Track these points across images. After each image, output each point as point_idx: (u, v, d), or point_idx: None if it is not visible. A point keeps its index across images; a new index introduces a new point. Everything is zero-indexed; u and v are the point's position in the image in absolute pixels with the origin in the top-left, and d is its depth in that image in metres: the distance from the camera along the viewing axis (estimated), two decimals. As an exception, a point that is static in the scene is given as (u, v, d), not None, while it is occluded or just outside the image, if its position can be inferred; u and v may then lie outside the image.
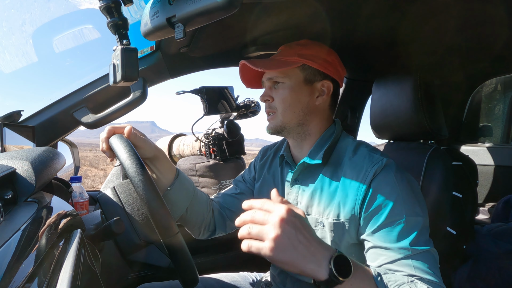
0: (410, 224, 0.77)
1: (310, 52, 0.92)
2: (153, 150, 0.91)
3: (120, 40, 0.77)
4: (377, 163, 0.83)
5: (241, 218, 0.64)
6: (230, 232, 1.11)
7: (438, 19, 1.08)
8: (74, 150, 1.76)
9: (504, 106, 2.27)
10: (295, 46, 0.94)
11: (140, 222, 1.12)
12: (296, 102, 0.92)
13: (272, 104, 0.94)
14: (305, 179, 0.94)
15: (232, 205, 1.08)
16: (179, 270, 0.76)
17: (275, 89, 0.94)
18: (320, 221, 0.88)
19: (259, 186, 1.07)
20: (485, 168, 1.99)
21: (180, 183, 0.96)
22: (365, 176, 0.82)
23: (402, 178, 0.82)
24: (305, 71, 0.92)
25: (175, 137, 1.94)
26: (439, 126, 1.14)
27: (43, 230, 0.55)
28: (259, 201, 0.65)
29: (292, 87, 0.91)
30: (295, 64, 0.90)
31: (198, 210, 1.01)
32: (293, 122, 0.92)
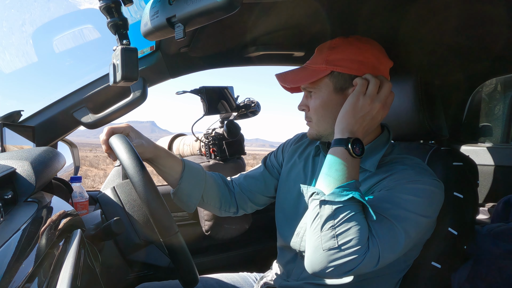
0: (408, 207, 0.78)
1: (339, 56, 0.86)
2: (153, 150, 0.91)
3: (120, 40, 0.77)
4: (423, 172, 0.84)
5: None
6: (251, 212, 1.13)
7: (438, 19, 1.08)
8: (74, 150, 1.76)
9: (504, 106, 2.27)
10: (325, 50, 0.89)
11: (140, 222, 1.12)
12: (328, 113, 0.89)
13: (308, 113, 0.93)
14: None
15: (253, 186, 1.09)
16: (179, 269, 0.77)
17: (310, 98, 0.93)
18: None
19: (288, 169, 1.07)
20: (485, 168, 1.99)
21: (189, 173, 0.97)
22: (406, 174, 0.83)
23: (435, 193, 0.84)
24: (334, 78, 0.87)
25: (175, 137, 1.94)
26: (439, 126, 1.14)
27: (43, 230, 0.55)
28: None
29: (323, 98, 0.89)
30: (321, 73, 0.86)
31: (214, 193, 1.03)
32: (328, 131, 0.91)
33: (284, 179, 1.07)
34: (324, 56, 0.88)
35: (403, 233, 0.77)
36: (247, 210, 1.11)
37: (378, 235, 0.74)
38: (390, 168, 0.87)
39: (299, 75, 0.90)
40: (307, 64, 0.92)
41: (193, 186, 0.97)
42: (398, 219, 0.77)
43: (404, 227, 0.77)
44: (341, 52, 0.87)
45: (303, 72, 0.90)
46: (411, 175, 0.83)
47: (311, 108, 0.91)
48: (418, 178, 0.82)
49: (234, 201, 1.08)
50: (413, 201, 0.79)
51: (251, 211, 1.13)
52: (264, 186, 1.10)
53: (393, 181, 0.83)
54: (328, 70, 0.87)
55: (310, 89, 0.91)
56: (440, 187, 0.85)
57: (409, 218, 0.78)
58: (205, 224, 1.60)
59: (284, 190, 1.06)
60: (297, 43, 1.30)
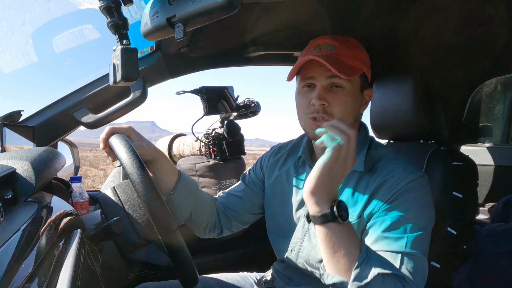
0: (414, 228, 0.78)
1: (365, 57, 0.88)
2: (153, 152, 0.91)
3: (120, 40, 0.77)
4: (411, 174, 0.83)
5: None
6: (237, 231, 1.11)
7: (438, 19, 1.08)
8: (74, 150, 1.76)
9: (504, 106, 2.27)
10: (353, 47, 0.87)
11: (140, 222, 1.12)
12: (353, 110, 0.87)
13: (328, 109, 0.84)
14: None
15: (236, 205, 1.07)
16: (179, 269, 0.77)
17: (331, 92, 0.85)
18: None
19: (272, 185, 1.05)
20: (485, 168, 1.99)
21: (183, 184, 0.96)
22: (397, 182, 0.82)
23: (427, 194, 0.84)
24: (361, 77, 0.88)
25: (175, 137, 1.94)
26: (439, 126, 1.14)
27: (43, 230, 0.55)
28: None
29: (353, 94, 0.86)
30: (360, 71, 0.85)
31: (202, 211, 1.01)
32: None
33: (270, 196, 1.05)
34: (356, 54, 0.87)
35: (424, 256, 0.78)
36: (232, 229, 1.08)
37: (412, 277, 0.74)
38: (381, 167, 0.87)
39: (339, 65, 0.82)
40: (337, 56, 0.85)
41: (184, 198, 0.95)
42: (416, 246, 0.77)
43: (423, 250, 0.78)
44: (364, 54, 0.89)
45: (340, 64, 0.83)
46: (404, 177, 0.82)
47: (337, 103, 0.84)
48: (413, 179, 0.82)
49: (219, 222, 1.06)
50: (421, 217, 0.80)
51: (236, 230, 1.10)
52: (249, 205, 1.08)
53: (392, 195, 0.82)
54: (362, 69, 0.86)
55: (343, 82, 0.84)
56: (426, 177, 0.86)
57: (423, 238, 0.79)
58: (205, 224, 1.60)
59: (272, 207, 1.04)
60: (297, 43, 1.30)
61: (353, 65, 0.85)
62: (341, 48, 0.86)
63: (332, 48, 0.86)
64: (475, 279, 1.15)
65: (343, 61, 0.84)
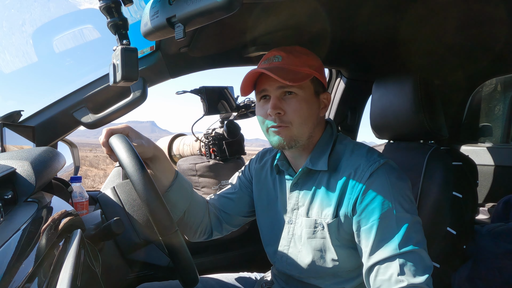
0: (399, 224, 0.78)
1: (315, 63, 0.91)
2: (153, 150, 0.91)
3: (120, 40, 0.77)
4: (374, 163, 0.84)
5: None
6: (227, 234, 1.11)
7: (438, 19, 1.08)
8: (74, 150, 1.76)
9: (504, 106, 2.27)
10: (299, 55, 0.89)
11: (140, 222, 1.12)
12: (310, 115, 0.89)
13: (285, 117, 0.87)
14: (305, 183, 0.94)
15: (228, 207, 1.07)
16: (179, 269, 0.76)
17: (284, 101, 0.87)
18: (319, 222, 0.88)
19: (258, 191, 1.06)
20: (485, 168, 1.99)
21: (179, 184, 0.96)
22: (361, 175, 0.83)
23: (396, 178, 0.83)
24: (313, 82, 0.90)
25: (175, 137, 1.94)
26: (439, 126, 1.14)
27: (43, 230, 0.55)
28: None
29: (306, 99, 0.88)
30: (309, 76, 0.87)
31: (195, 213, 1.01)
32: (306, 135, 0.90)
33: (257, 200, 1.07)
34: (304, 61, 0.89)
35: (420, 247, 0.77)
36: (222, 232, 1.09)
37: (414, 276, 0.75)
38: (345, 162, 0.88)
39: (287, 74, 0.85)
40: (283, 65, 0.88)
41: (179, 197, 0.96)
42: (408, 241, 0.77)
43: (416, 241, 0.78)
44: (315, 60, 0.92)
45: (288, 72, 0.86)
46: (367, 167, 0.83)
47: (292, 111, 0.87)
48: (376, 168, 0.82)
49: (209, 225, 1.06)
50: (400, 207, 0.79)
51: (226, 232, 1.10)
52: (240, 207, 1.09)
53: (360, 188, 0.82)
54: (312, 74, 0.88)
55: (294, 90, 0.87)
56: (390, 163, 0.86)
57: (412, 228, 0.78)
58: (205, 224, 1.60)
59: (260, 216, 1.06)
60: (297, 43, 1.29)
61: (301, 71, 0.87)
62: (288, 58, 0.89)
63: (280, 59, 0.89)
64: (475, 279, 1.15)
65: (291, 69, 0.87)
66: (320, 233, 0.88)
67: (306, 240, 0.91)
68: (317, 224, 0.89)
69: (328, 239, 0.87)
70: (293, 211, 0.95)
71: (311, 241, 0.90)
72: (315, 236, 0.89)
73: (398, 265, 0.76)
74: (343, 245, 0.87)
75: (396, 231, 0.78)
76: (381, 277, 0.77)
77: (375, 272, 0.79)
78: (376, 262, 0.78)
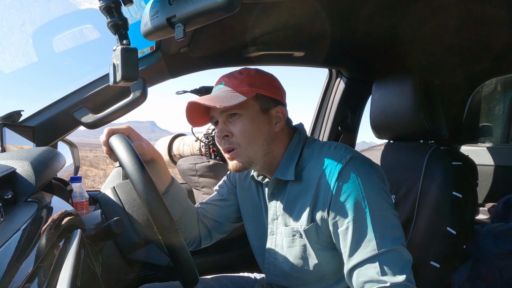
0: (375, 223, 0.78)
1: (258, 80, 0.88)
2: (152, 153, 0.92)
3: (120, 40, 0.77)
4: (341, 160, 0.83)
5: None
6: (215, 241, 1.11)
7: (438, 19, 1.08)
8: (74, 150, 1.76)
9: (504, 106, 2.27)
10: (239, 75, 0.89)
11: (140, 222, 1.12)
12: (258, 133, 0.87)
13: (233, 139, 0.87)
14: (280, 192, 0.94)
15: (216, 214, 1.07)
16: (179, 269, 0.77)
17: (231, 123, 0.88)
18: (296, 230, 0.89)
19: (243, 199, 1.06)
20: (485, 168, 1.99)
21: (174, 190, 0.97)
22: (330, 176, 0.82)
23: (366, 173, 0.82)
24: (259, 100, 0.88)
25: (175, 137, 1.94)
26: (439, 126, 1.14)
27: (43, 230, 0.55)
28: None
29: (251, 118, 0.87)
30: (249, 94, 0.85)
31: (188, 222, 1.01)
32: (259, 153, 0.89)
33: (242, 209, 1.07)
34: (244, 81, 0.87)
35: (397, 244, 0.77)
36: (211, 240, 1.09)
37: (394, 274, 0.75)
38: (314, 166, 0.87)
39: (224, 98, 0.84)
40: (224, 90, 0.88)
41: (173, 204, 0.96)
42: (385, 240, 0.77)
43: (393, 237, 0.78)
44: (258, 78, 0.89)
45: (226, 95, 0.85)
46: (335, 164, 0.82)
47: (238, 132, 0.86)
48: (344, 164, 0.82)
49: (199, 236, 1.06)
50: (375, 202, 0.79)
51: (215, 240, 1.10)
52: (227, 213, 1.09)
53: (333, 188, 0.82)
54: (254, 92, 0.86)
55: (236, 112, 0.86)
56: (357, 156, 0.85)
57: (388, 225, 0.78)
58: (205, 224, 1.60)
59: (246, 221, 1.06)
60: (297, 43, 1.30)
61: (240, 91, 0.86)
62: (230, 81, 0.89)
63: (223, 84, 0.90)
64: (475, 279, 1.15)
65: (230, 92, 0.86)
66: (298, 241, 0.89)
67: (287, 249, 0.91)
68: (295, 232, 0.89)
69: (308, 245, 0.87)
70: (273, 221, 0.96)
71: (291, 250, 0.91)
72: (294, 244, 0.90)
73: (378, 266, 0.76)
74: (324, 247, 0.87)
75: (371, 231, 0.77)
76: (362, 279, 0.78)
77: (356, 274, 0.79)
78: (355, 265, 0.79)
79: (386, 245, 0.76)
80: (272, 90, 0.90)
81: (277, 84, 0.92)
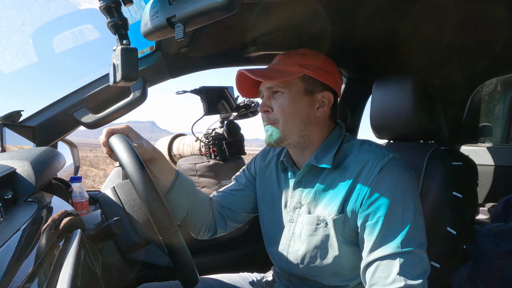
0: (404, 223, 0.79)
1: (310, 62, 0.90)
2: (152, 152, 0.91)
3: (120, 40, 0.77)
4: (384, 158, 0.84)
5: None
6: (231, 231, 1.11)
7: (438, 19, 1.08)
8: (74, 150, 1.76)
9: (504, 106, 2.27)
10: (295, 55, 0.91)
11: (140, 222, 1.12)
12: (297, 113, 0.89)
13: (271, 115, 0.91)
14: (309, 181, 0.94)
15: (232, 203, 1.08)
16: (179, 269, 0.77)
17: (274, 99, 0.91)
18: (322, 218, 0.88)
19: (262, 190, 1.06)
20: (485, 168, 1.99)
21: (180, 184, 0.96)
22: (370, 170, 0.83)
23: (405, 174, 0.84)
24: (305, 81, 0.90)
25: (175, 137, 1.94)
26: (439, 126, 1.14)
27: (43, 230, 0.55)
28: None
29: (293, 97, 0.89)
30: (296, 74, 0.88)
31: (199, 211, 1.01)
32: (294, 133, 0.90)
33: (261, 198, 1.06)
34: (296, 60, 0.90)
35: (420, 248, 0.78)
36: (226, 229, 1.09)
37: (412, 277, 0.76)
38: (354, 159, 0.88)
39: (271, 72, 0.89)
40: (275, 66, 0.92)
41: (182, 197, 0.96)
42: (410, 242, 0.78)
43: (418, 241, 0.78)
44: (312, 59, 0.91)
45: (273, 71, 0.89)
46: (377, 162, 0.83)
47: (278, 109, 0.89)
48: (386, 162, 0.83)
49: (213, 222, 1.06)
50: (407, 204, 0.80)
51: (230, 229, 1.11)
52: (243, 203, 1.09)
53: (370, 183, 0.82)
54: (302, 72, 0.88)
55: (279, 89, 0.89)
56: (399, 158, 0.86)
57: (416, 229, 0.79)
58: (205, 224, 1.60)
59: (263, 210, 1.06)
60: (297, 43, 1.30)
61: (289, 70, 0.89)
62: (283, 59, 0.92)
63: (277, 61, 0.93)
64: (475, 279, 1.15)
65: (279, 68, 0.90)
66: (322, 230, 0.88)
67: (306, 237, 0.91)
68: (320, 220, 0.88)
69: (332, 235, 0.87)
70: (295, 209, 0.95)
71: (311, 238, 0.90)
72: (316, 233, 0.89)
73: (398, 264, 0.76)
74: (347, 241, 0.87)
75: (400, 230, 0.78)
76: (379, 274, 0.78)
77: (374, 268, 0.79)
78: (377, 258, 0.79)
79: (411, 246, 0.77)
80: (322, 74, 0.90)
81: (332, 70, 0.93)
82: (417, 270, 0.76)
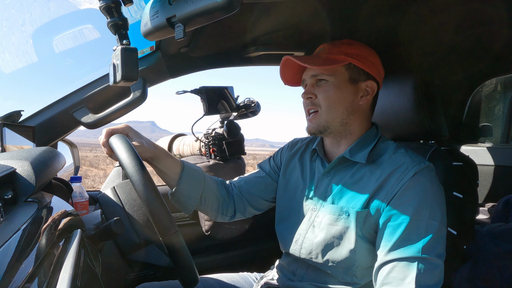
0: (428, 230, 0.79)
1: (355, 51, 0.92)
2: (153, 149, 0.92)
3: (120, 40, 0.77)
4: (420, 164, 0.85)
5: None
6: (249, 217, 1.13)
7: (438, 19, 1.08)
8: (74, 150, 1.76)
9: (504, 106, 2.27)
10: (339, 44, 0.93)
11: (140, 222, 1.12)
12: (341, 100, 0.91)
13: (315, 101, 0.92)
14: (338, 172, 0.94)
15: (254, 189, 1.09)
16: (179, 269, 0.77)
17: (318, 87, 0.92)
18: (345, 210, 0.88)
19: (287, 177, 1.07)
20: (485, 168, 1.99)
21: (188, 174, 0.97)
22: (404, 173, 0.84)
23: (437, 185, 0.85)
24: (350, 70, 0.91)
25: (175, 137, 1.94)
26: (439, 126, 1.14)
27: (43, 230, 0.55)
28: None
29: (337, 85, 0.90)
30: (341, 62, 0.90)
31: (212, 196, 1.03)
32: (337, 121, 0.92)
33: (284, 187, 1.07)
34: (341, 49, 0.92)
35: (439, 258, 0.79)
36: (245, 214, 1.10)
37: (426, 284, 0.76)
38: (389, 158, 0.89)
39: (316, 60, 0.90)
40: (320, 54, 0.94)
41: (191, 187, 0.97)
42: (430, 249, 0.78)
43: (438, 251, 0.79)
44: (357, 49, 0.93)
45: (319, 59, 0.91)
46: (412, 166, 0.84)
47: (322, 96, 0.91)
48: (420, 169, 0.83)
49: (232, 204, 1.07)
50: (434, 212, 0.80)
51: (249, 215, 1.12)
52: (265, 190, 1.10)
53: (401, 186, 0.83)
54: (347, 60, 0.90)
55: (324, 77, 0.91)
56: (432, 167, 0.87)
57: (437, 239, 0.79)
58: (205, 224, 1.60)
59: (285, 198, 1.06)
60: (297, 43, 1.30)
61: (333, 58, 0.91)
62: (328, 48, 0.94)
63: (321, 49, 0.96)
64: (475, 279, 1.15)
65: (324, 56, 0.92)
66: (343, 221, 0.88)
67: (325, 225, 0.90)
68: (343, 212, 0.88)
69: (352, 228, 0.86)
70: (319, 199, 0.95)
71: (331, 227, 0.89)
72: (337, 223, 0.89)
73: (416, 268, 0.76)
74: (364, 237, 0.87)
75: (423, 236, 0.78)
76: (395, 274, 0.77)
77: (390, 267, 0.79)
78: (395, 259, 0.79)
79: (431, 254, 0.77)
80: (367, 64, 0.92)
81: (375, 61, 0.95)
82: (433, 279, 0.76)
